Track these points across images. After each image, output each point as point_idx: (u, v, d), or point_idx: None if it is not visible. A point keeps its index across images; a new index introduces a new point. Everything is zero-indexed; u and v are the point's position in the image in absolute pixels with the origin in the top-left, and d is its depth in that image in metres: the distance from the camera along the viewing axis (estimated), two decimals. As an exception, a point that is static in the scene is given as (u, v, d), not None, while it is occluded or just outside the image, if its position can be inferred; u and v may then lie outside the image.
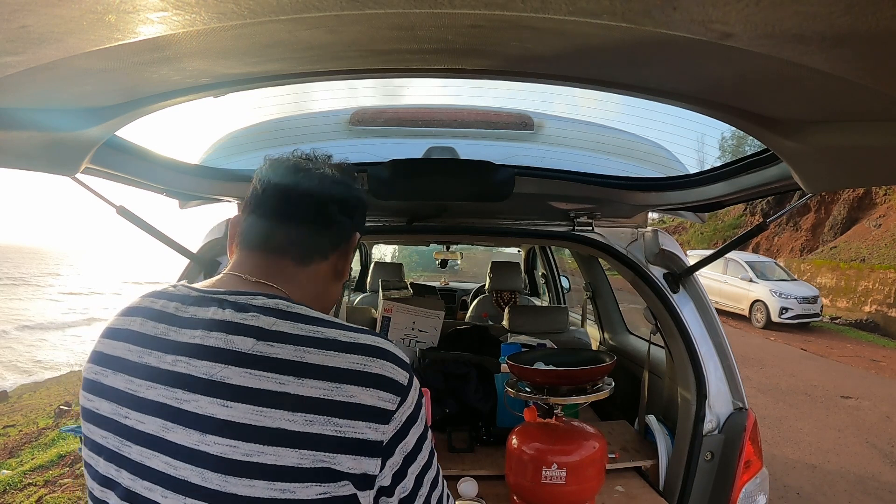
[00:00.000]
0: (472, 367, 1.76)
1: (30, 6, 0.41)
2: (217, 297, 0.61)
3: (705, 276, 10.27)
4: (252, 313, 0.58)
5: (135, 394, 0.58)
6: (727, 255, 10.34)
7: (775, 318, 10.05)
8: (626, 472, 1.55)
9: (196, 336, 0.58)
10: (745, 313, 10.76)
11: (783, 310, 10.00)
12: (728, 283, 11.10)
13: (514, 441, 1.29)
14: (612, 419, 1.92)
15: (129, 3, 0.41)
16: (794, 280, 11.10)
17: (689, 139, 1.24)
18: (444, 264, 5.15)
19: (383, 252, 6.58)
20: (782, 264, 12.40)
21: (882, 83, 0.48)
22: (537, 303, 4.22)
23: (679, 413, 1.49)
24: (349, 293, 3.96)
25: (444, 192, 1.24)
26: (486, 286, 3.72)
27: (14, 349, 12.13)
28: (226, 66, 0.65)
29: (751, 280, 10.71)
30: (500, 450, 1.39)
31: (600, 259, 2.34)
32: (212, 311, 0.59)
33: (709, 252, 2.12)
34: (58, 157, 0.82)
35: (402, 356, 0.60)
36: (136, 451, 0.57)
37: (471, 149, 1.28)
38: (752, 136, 0.76)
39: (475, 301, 3.70)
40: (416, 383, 0.61)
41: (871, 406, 5.53)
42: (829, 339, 9.57)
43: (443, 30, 0.52)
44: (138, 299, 0.66)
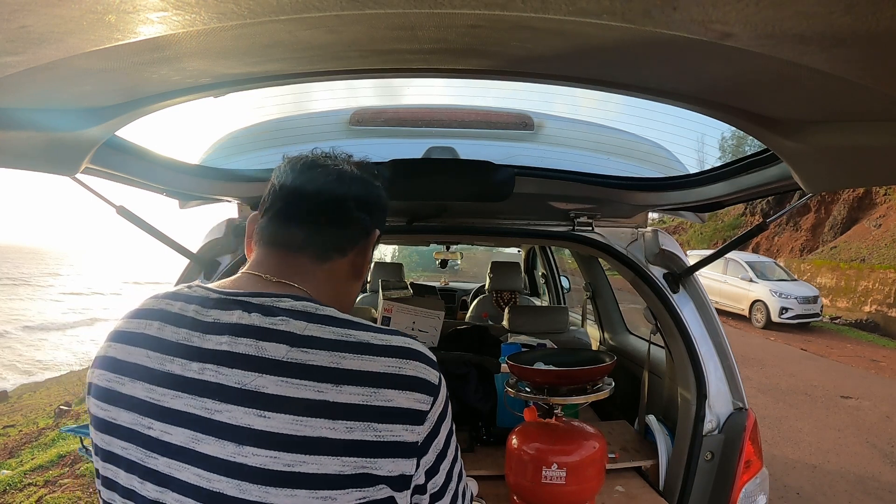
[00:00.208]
0: (472, 367, 1.76)
1: (30, 6, 0.41)
2: (240, 299, 0.59)
3: (705, 276, 10.27)
4: (281, 317, 0.56)
5: (158, 403, 0.56)
6: (727, 255, 10.34)
7: (775, 318, 10.05)
8: (626, 472, 1.55)
9: (223, 342, 0.56)
10: (745, 313, 10.77)
11: (783, 310, 10.01)
12: (728, 283, 11.10)
13: (514, 441, 1.29)
14: (612, 419, 1.92)
15: (129, 3, 0.41)
16: (794, 280, 11.11)
17: (689, 139, 1.24)
18: (444, 264, 5.15)
19: (383, 252, 6.58)
20: (782, 264, 12.41)
21: (882, 83, 0.48)
22: (537, 303, 4.22)
23: (679, 413, 1.49)
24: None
25: (444, 192, 1.24)
26: (486, 286, 3.72)
27: (14, 349, 12.13)
28: (226, 66, 0.65)
29: (751, 280, 10.71)
30: (500, 450, 1.39)
31: (600, 259, 2.34)
32: (237, 315, 0.57)
33: (709, 252, 2.12)
34: (58, 157, 0.82)
35: (431, 356, 0.60)
36: (162, 462, 0.55)
37: (471, 149, 1.28)
38: (752, 136, 0.76)
39: (475, 301, 3.70)
40: (444, 381, 0.61)
41: (871, 406, 5.53)
42: (829, 339, 9.57)
43: (443, 30, 0.52)
44: (151, 301, 0.64)
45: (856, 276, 12.00)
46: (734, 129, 0.77)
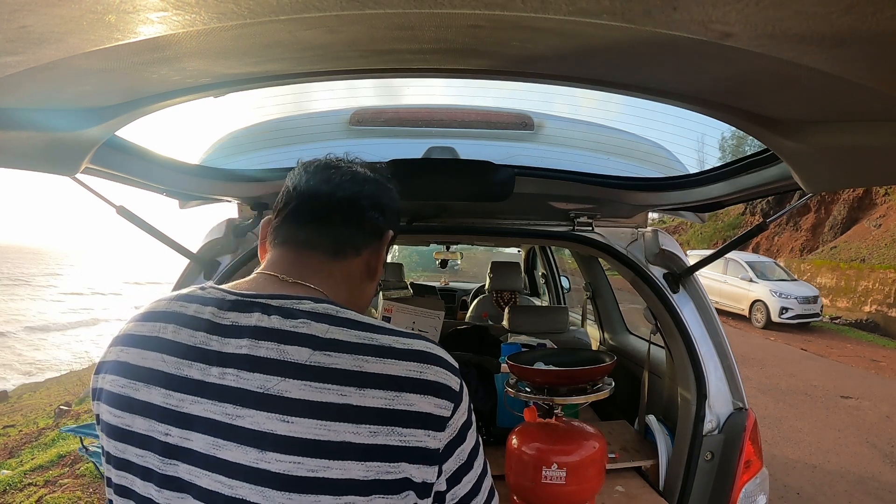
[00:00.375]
0: (472, 367, 1.76)
1: (30, 6, 0.41)
2: (258, 301, 0.58)
3: (705, 276, 10.28)
4: (301, 320, 0.56)
5: (175, 409, 0.55)
6: (727, 255, 10.34)
7: (775, 318, 10.06)
8: (626, 472, 1.55)
9: (243, 346, 0.55)
10: (745, 313, 10.77)
11: (783, 310, 10.01)
12: (728, 283, 11.11)
13: (514, 441, 1.29)
14: (612, 419, 1.92)
15: (129, 3, 0.41)
16: (794, 280, 11.11)
17: (689, 139, 1.24)
18: (444, 264, 5.16)
19: (383, 252, 6.57)
20: (782, 264, 12.41)
21: (882, 83, 0.48)
22: (537, 303, 4.22)
23: (679, 413, 1.49)
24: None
25: (445, 192, 1.24)
26: (486, 286, 3.72)
27: (14, 349, 12.13)
28: (226, 66, 0.65)
29: (751, 280, 10.71)
30: (500, 450, 1.39)
31: (600, 259, 2.34)
32: (255, 318, 0.56)
33: (709, 252, 2.12)
34: (58, 157, 0.82)
35: (453, 362, 0.60)
36: (183, 469, 0.54)
37: (471, 149, 1.28)
38: (752, 136, 0.76)
39: (475, 301, 3.70)
40: (466, 389, 0.60)
41: (871, 406, 5.53)
42: (829, 339, 9.57)
43: (443, 30, 0.52)
44: (163, 304, 0.62)
45: (856, 276, 12.01)
46: (734, 129, 0.77)
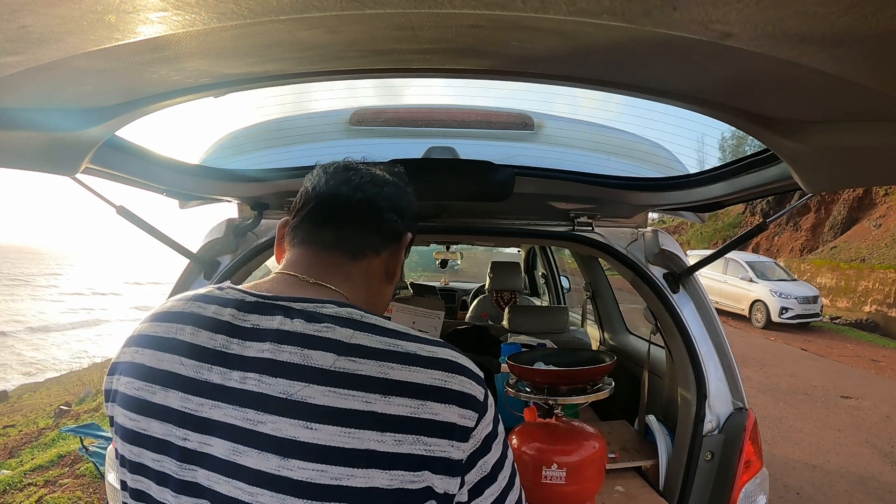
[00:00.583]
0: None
1: (30, 6, 0.41)
2: (280, 303, 0.57)
3: (705, 276, 10.28)
4: (326, 324, 0.55)
5: (195, 413, 0.54)
6: (727, 255, 10.34)
7: (775, 318, 10.06)
8: (626, 472, 1.55)
9: (265, 350, 0.54)
10: (745, 313, 10.77)
11: (783, 310, 10.01)
12: (728, 283, 11.11)
13: (514, 441, 1.29)
14: (612, 419, 1.92)
15: (129, 3, 0.41)
16: (794, 280, 11.11)
17: (689, 139, 1.24)
18: (444, 264, 5.16)
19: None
20: (782, 264, 12.41)
21: (882, 83, 0.48)
22: (537, 303, 4.22)
23: (679, 413, 1.49)
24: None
25: (445, 192, 1.24)
26: (486, 286, 3.72)
27: (14, 349, 12.14)
28: (226, 66, 0.65)
29: (751, 280, 10.71)
30: (500, 450, 1.39)
31: (600, 259, 2.34)
32: (278, 321, 0.55)
33: (709, 252, 2.12)
34: (58, 157, 0.82)
35: (478, 371, 0.59)
36: (201, 475, 0.53)
37: (471, 149, 1.28)
38: (752, 136, 0.76)
39: (475, 301, 3.70)
40: (492, 399, 0.59)
41: (871, 406, 5.53)
42: (829, 339, 9.57)
43: (443, 30, 0.52)
44: (180, 303, 0.61)
45: (856, 276, 12.01)
46: (734, 129, 0.77)
